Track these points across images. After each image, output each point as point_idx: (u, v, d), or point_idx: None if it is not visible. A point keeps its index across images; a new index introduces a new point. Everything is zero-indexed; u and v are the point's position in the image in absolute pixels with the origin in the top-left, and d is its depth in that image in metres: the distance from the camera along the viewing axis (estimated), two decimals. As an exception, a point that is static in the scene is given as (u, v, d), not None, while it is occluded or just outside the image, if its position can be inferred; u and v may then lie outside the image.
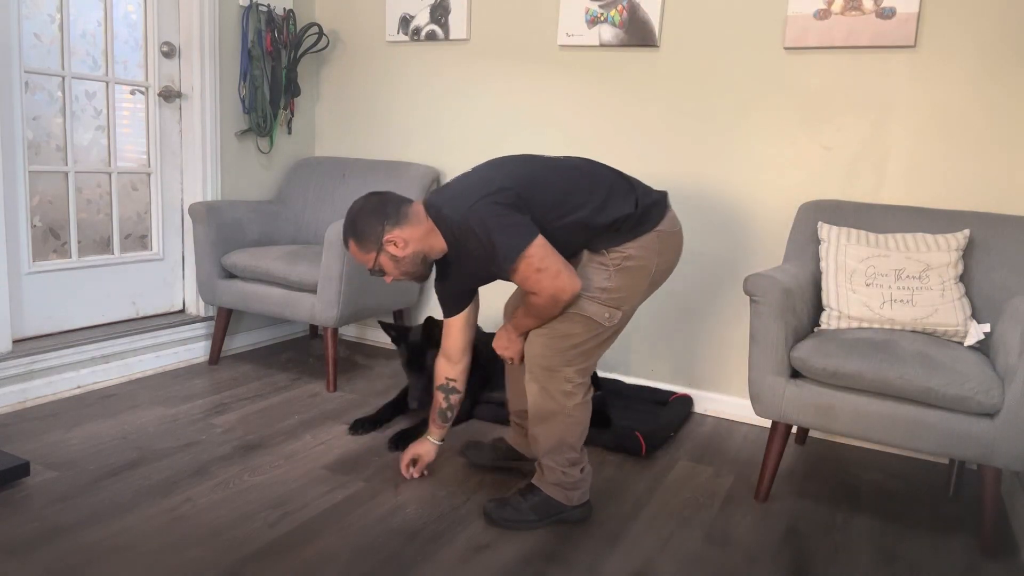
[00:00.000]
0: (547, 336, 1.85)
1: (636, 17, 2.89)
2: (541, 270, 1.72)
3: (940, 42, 2.48)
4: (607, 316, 1.84)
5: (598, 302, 1.83)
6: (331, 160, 3.55)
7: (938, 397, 1.90)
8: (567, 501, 1.96)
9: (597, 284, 1.83)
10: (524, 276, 1.74)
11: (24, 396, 2.62)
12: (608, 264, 1.84)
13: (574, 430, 1.91)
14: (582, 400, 1.90)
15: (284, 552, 1.78)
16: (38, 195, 2.75)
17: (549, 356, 1.86)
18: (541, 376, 1.88)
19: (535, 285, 1.74)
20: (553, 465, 1.93)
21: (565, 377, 1.86)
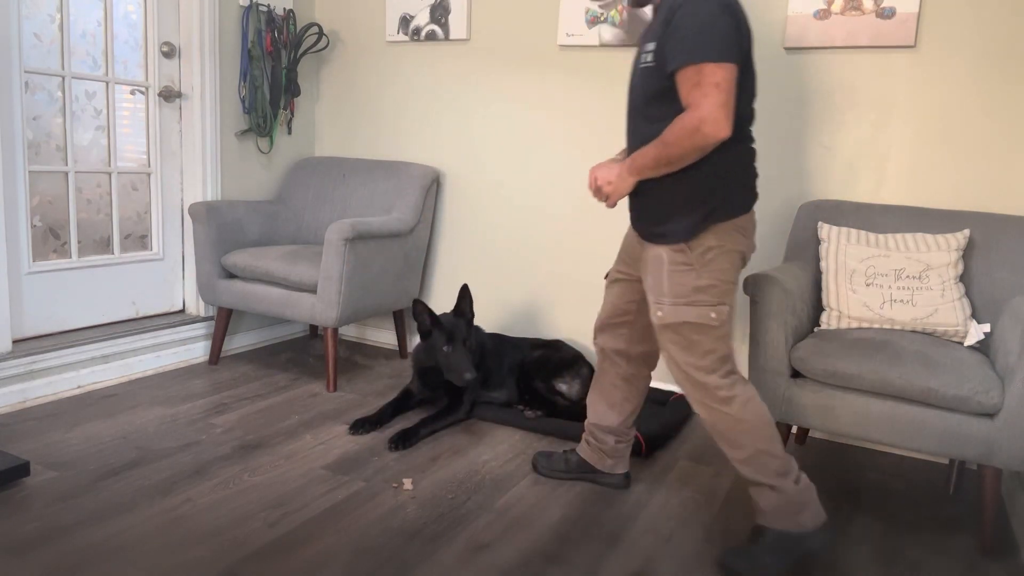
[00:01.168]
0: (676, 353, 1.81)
1: (636, 17, 2.89)
2: (718, 86, 1.58)
3: (940, 42, 2.48)
4: (714, 316, 1.76)
5: (699, 305, 1.76)
6: (331, 160, 3.55)
7: (938, 397, 1.90)
8: (799, 527, 1.77)
9: (691, 286, 1.76)
10: (693, 83, 1.60)
11: (24, 396, 2.62)
12: (692, 262, 1.76)
13: (757, 434, 1.78)
14: (743, 400, 1.78)
15: (284, 552, 1.78)
16: (38, 195, 2.75)
17: (689, 371, 1.80)
18: (695, 392, 1.82)
19: (696, 98, 1.60)
20: (761, 480, 1.79)
21: (715, 385, 1.78)
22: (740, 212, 1.79)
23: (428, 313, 2.62)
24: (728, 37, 1.63)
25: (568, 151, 3.12)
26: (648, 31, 1.80)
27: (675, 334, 1.80)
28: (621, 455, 2.21)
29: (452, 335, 2.58)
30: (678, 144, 1.66)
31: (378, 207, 3.29)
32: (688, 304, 1.76)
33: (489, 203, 3.32)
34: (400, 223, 3.09)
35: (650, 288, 1.84)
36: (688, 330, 1.78)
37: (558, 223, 3.17)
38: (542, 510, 2.06)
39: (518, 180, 3.24)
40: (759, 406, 1.81)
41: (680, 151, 1.67)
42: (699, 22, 1.62)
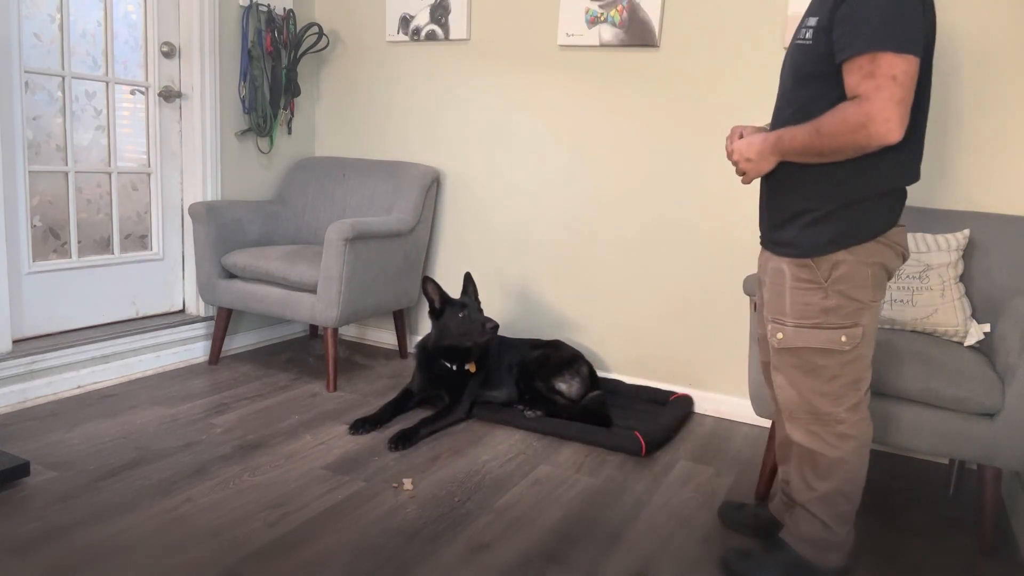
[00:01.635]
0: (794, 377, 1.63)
1: (636, 17, 2.89)
2: (895, 79, 1.34)
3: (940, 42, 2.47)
4: (844, 340, 1.55)
5: (826, 328, 1.56)
6: (331, 160, 3.55)
7: (938, 397, 1.90)
8: (821, 562, 1.68)
9: (817, 307, 1.56)
10: (866, 72, 1.37)
11: (24, 396, 2.62)
12: (820, 281, 1.55)
13: (853, 477, 1.64)
14: (860, 443, 1.62)
15: (284, 552, 1.78)
16: (38, 195, 2.75)
17: (810, 398, 1.61)
18: (809, 421, 1.64)
19: (868, 89, 1.36)
20: (817, 515, 1.67)
21: (836, 419, 1.61)
22: (883, 231, 1.55)
23: (439, 291, 2.69)
24: (914, 25, 1.38)
25: (568, 151, 3.12)
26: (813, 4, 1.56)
27: (796, 358, 1.62)
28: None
29: (466, 304, 2.69)
30: (835, 137, 1.42)
31: (378, 207, 3.29)
32: (813, 327, 1.57)
33: (489, 203, 3.32)
34: (400, 223, 3.09)
35: (768, 303, 1.67)
36: (812, 355, 1.59)
37: (558, 223, 3.17)
38: (542, 510, 2.06)
39: (518, 180, 3.24)
40: (867, 452, 1.66)
41: (836, 145, 1.43)
42: (881, 4, 1.38)
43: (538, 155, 3.20)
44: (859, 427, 1.63)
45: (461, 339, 2.66)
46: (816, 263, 1.55)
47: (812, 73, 1.52)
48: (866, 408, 1.65)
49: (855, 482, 1.66)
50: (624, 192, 3.02)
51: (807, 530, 1.70)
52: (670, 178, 2.93)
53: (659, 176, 2.95)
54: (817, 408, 1.62)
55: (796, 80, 1.57)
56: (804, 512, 1.71)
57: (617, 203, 3.05)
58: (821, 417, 1.62)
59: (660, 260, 2.99)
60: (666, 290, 2.98)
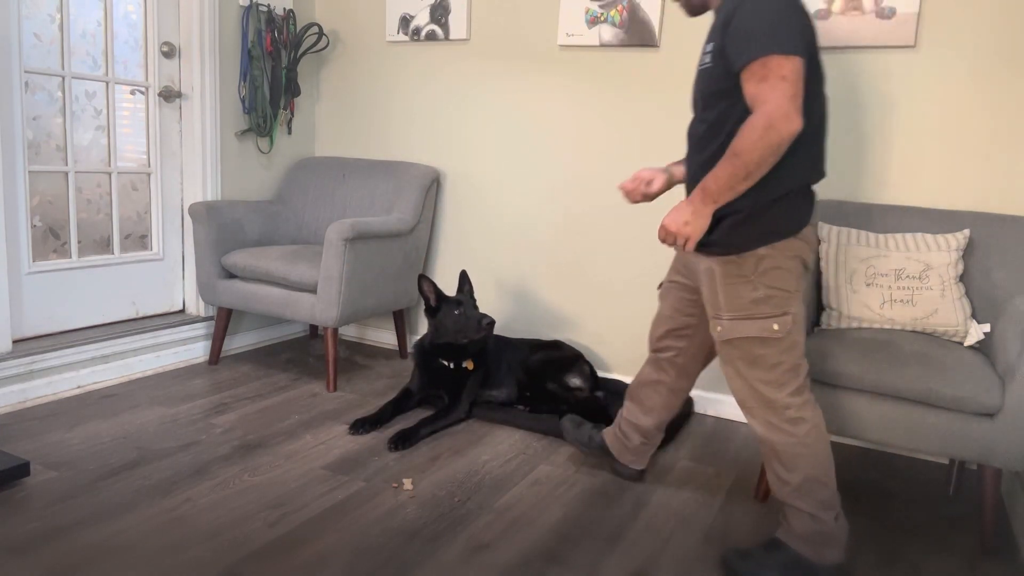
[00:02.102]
0: (737, 370, 1.75)
1: (636, 17, 2.89)
2: (784, 79, 1.50)
3: (940, 42, 2.48)
4: (776, 328, 1.68)
5: (758, 318, 1.68)
6: (331, 160, 3.55)
7: (938, 397, 1.90)
8: (818, 559, 1.73)
9: (748, 299, 1.69)
10: (760, 77, 1.52)
11: (24, 396, 2.62)
12: (747, 274, 1.68)
13: (818, 462, 1.73)
14: (812, 425, 1.72)
15: (284, 552, 1.78)
16: (38, 195, 2.75)
17: (756, 387, 1.73)
18: (760, 409, 1.75)
19: (765, 92, 1.51)
20: (803, 508, 1.73)
21: (783, 404, 1.71)
22: (800, 227, 1.70)
23: (434, 289, 2.69)
24: (794, 29, 1.54)
25: (568, 151, 3.12)
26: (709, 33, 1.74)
27: (737, 349, 1.74)
28: (643, 454, 2.23)
29: (461, 301, 2.69)
30: (751, 150, 1.53)
31: (378, 207, 3.29)
32: (747, 318, 1.69)
33: (489, 203, 3.32)
34: (400, 223, 3.09)
35: (707, 301, 1.79)
36: (750, 344, 1.71)
37: (558, 222, 3.17)
38: (542, 510, 2.06)
39: (518, 180, 3.24)
40: (824, 434, 1.75)
41: (756, 157, 1.53)
42: (763, 16, 1.55)
43: (538, 155, 3.20)
44: (806, 410, 1.73)
45: (457, 336, 2.66)
46: (742, 258, 1.68)
47: (717, 92, 1.67)
48: (809, 392, 1.76)
49: (822, 465, 1.73)
50: (624, 192, 3.02)
51: (798, 526, 1.75)
52: (670, 178, 2.93)
53: (659, 176, 2.95)
54: (764, 396, 1.73)
55: (705, 102, 1.73)
56: (791, 509, 1.77)
57: (617, 203, 3.04)
58: (771, 405, 1.73)
59: (660, 259, 2.98)
60: (666, 290, 2.97)
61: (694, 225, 1.65)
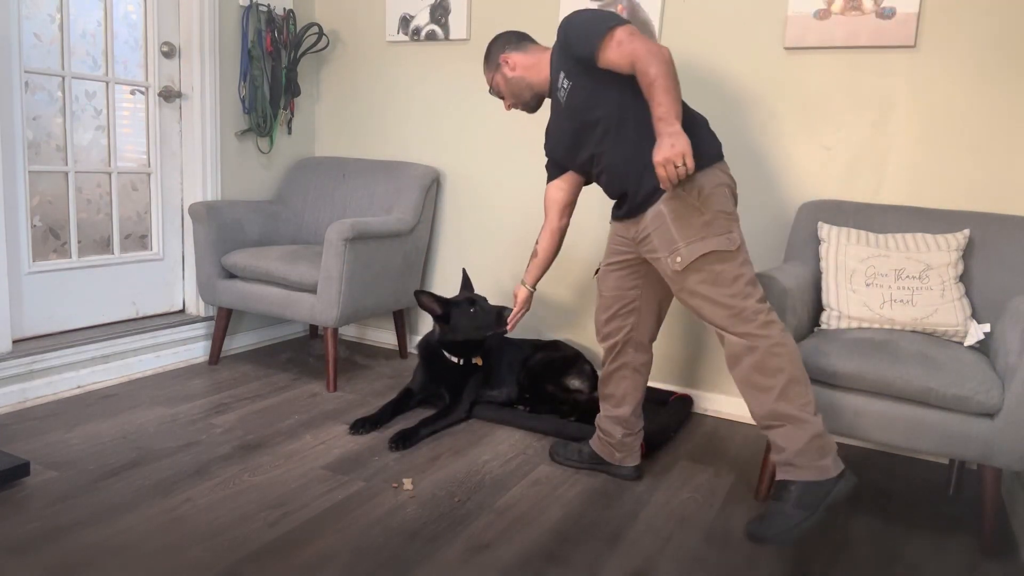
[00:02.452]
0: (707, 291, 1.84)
1: (636, 17, 2.89)
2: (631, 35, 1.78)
3: (940, 42, 2.48)
4: (727, 241, 1.84)
5: (711, 236, 1.83)
6: (331, 160, 3.55)
7: (938, 397, 1.90)
8: (824, 475, 1.75)
9: (699, 221, 1.83)
10: (615, 41, 1.78)
11: (24, 396, 2.62)
12: (693, 202, 1.83)
13: (794, 360, 1.80)
14: (781, 326, 1.83)
15: (284, 552, 1.78)
16: (38, 195, 2.75)
17: (726, 304, 1.83)
18: (734, 324, 1.83)
19: (628, 50, 1.77)
20: (791, 412, 1.78)
21: (752, 311, 1.82)
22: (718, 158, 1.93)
23: (435, 298, 2.68)
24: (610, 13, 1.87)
25: (568, 151, 3.12)
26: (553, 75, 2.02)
27: (698, 272, 1.84)
28: (630, 448, 2.26)
29: (474, 300, 2.69)
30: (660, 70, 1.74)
31: (378, 207, 3.29)
32: (701, 239, 1.82)
33: (489, 203, 3.32)
34: (400, 223, 3.09)
35: (661, 247, 1.89)
36: (711, 261, 1.82)
37: (558, 223, 3.17)
38: (542, 510, 2.07)
39: (518, 180, 3.24)
40: (792, 338, 1.84)
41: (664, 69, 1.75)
42: (587, 17, 1.88)
43: (538, 155, 3.19)
44: (773, 314, 1.84)
45: (476, 332, 2.67)
46: (685, 192, 1.83)
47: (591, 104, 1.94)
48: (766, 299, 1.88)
49: (799, 366, 1.81)
50: (624, 192, 3.02)
51: (791, 443, 1.78)
52: (670, 178, 2.93)
53: (659, 176, 2.95)
54: (737, 307, 1.83)
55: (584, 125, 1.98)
56: (774, 430, 1.82)
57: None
58: (743, 314, 1.82)
59: (660, 260, 2.98)
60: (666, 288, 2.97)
61: (680, 142, 1.71)
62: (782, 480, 1.80)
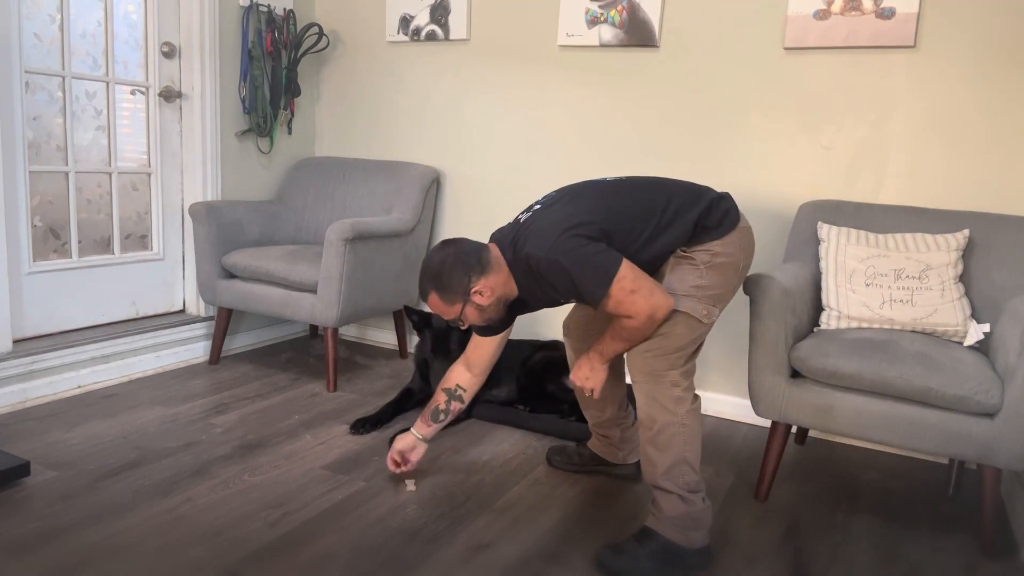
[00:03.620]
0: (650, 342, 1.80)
1: (636, 17, 2.89)
2: (635, 291, 1.70)
3: (940, 42, 2.48)
4: (705, 313, 1.80)
5: (695, 299, 1.80)
6: (331, 160, 3.55)
7: (938, 397, 1.90)
8: (688, 544, 1.78)
9: (692, 283, 1.80)
10: (618, 300, 1.71)
11: (24, 396, 2.62)
12: (698, 263, 1.81)
13: (691, 443, 1.80)
14: (691, 407, 1.82)
15: (284, 552, 1.78)
16: (38, 195, 2.75)
17: (652, 360, 1.80)
18: (647, 383, 1.81)
19: (630, 307, 1.71)
20: (672, 489, 1.79)
21: (671, 381, 1.80)
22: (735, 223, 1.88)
23: (420, 317, 2.69)
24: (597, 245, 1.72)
25: (568, 151, 3.12)
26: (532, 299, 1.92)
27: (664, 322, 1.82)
28: (629, 442, 2.25)
29: (436, 347, 2.63)
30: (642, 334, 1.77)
31: (378, 207, 3.29)
32: (685, 295, 1.79)
33: (489, 203, 3.32)
34: (400, 223, 3.10)
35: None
36: (678, 321, 1.79)
37: (558, 223, 3.17)
38: (542, 510, 2.07)
39: (518, 180, 3.24)
40: (699, 421, 1.83)
41: (645, 335, 1.78)
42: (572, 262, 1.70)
43: (538, 155, 3.20)
44: (689, 392, 1.83)
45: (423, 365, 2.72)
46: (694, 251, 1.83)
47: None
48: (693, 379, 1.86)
49: (694, 450, 1.81)
50: (624, 192, 3.02)
51: (667, 508, 1.79)
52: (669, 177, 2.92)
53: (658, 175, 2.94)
54: (658, 370, 1.80)
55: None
56: (660, 492, 1.81)
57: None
58: (660, 379, 1.80)
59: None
60: (666, 290, 2.97)
61: (594, 377, 1.88)
62: (649, 528, 1.81)
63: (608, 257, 1.71)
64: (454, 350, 2.61)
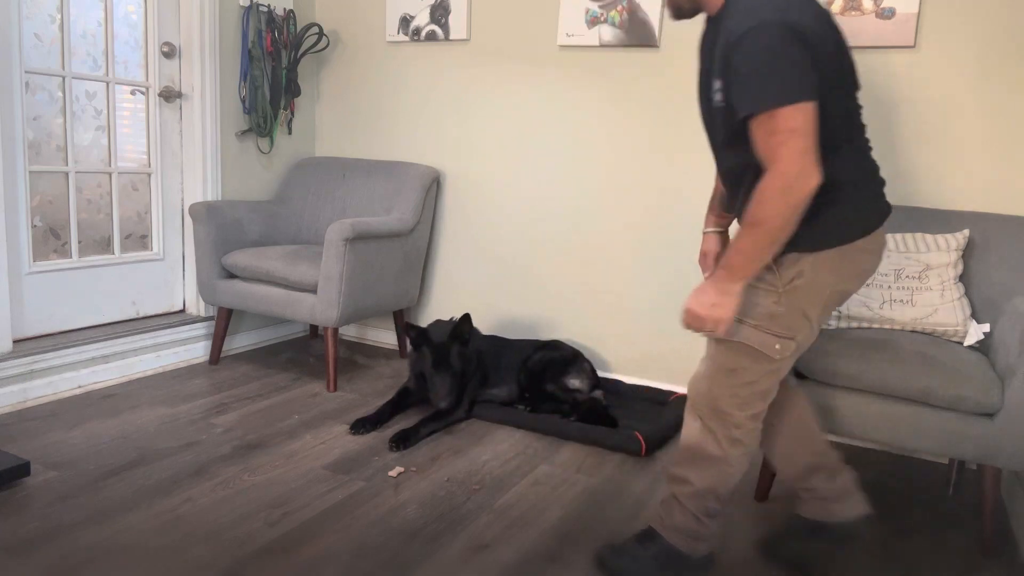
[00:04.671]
0: (713, 371, 1.63)
1: (636, 17, 2.89)
2: (795, 131, 1.37)
3: (940, 42, 2.48)
4: (778, 348, 1.56)
5: (765, 331, 1.55)
6: (331, 160, 3.55)
7: (938, 397, 1.90)
8: (691, 552, 1.70)
9: (765, 310, 1.55)
10: (770, 131, 1.39)
11: (24, 396, 2.62)
12: (777, 285, 1.54)
13: (729, 481, 1.67)
14: (745, 451, 1.65)
15: (284, 552, 1.78)
16: (38, 195, 2.75)
17: (719, 396, 1.62)
18: (708, 416, 1.65)
19: (775, 149, 1.39)
20: (690, 509, 1.69)
21: (735, 423, 1.62)
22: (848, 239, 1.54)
23: (417, 333, 2.64)
24: (798, 69, 1.39)
25: (568, 151, 3.12)
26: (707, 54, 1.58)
27: (729, 351, 1.60)
28: (845, 489, 1.83)
29: (438, 361, 2.57)
30: (772, 217, 1.42)
31: (378, 207, 3.29)
32: (754, 327, 1.56)
33: (489, 203, 3.33)
34: (400, 223, 3.10)
35: None
36: (743, 353, 1.58)
37: (558, 223, 3.17)
38: (542, 510, 2.07)
39: (518, 180, 3.24)
40: (747, 459, 1.69)
41: (778, 223, 1.42)
42: (762, 61, 1.39)
43: (538, 155, 3.20)
44: (751, 436, 1.66)
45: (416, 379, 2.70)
46: (779, 265, 1.54)
47: (734, 133, 1.51)
48: (762, 419, 1.67)
49: (729, 485, 1.68)
50: (624, 191, 3.02)
51: (680, 520, 1.71)
52: (669, 178, 2.93)
53: (659, 176, 2.95)
54: (720, 408, 1.63)
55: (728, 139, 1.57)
56: (676, 503, 1.71)
57: (617, 202, 3.05)
58: (721, 418, 1.63)
59: (660, 259, 2.99)
60: (666, 289, 2.97)
61: (724, 307, 1.49)
62: (654, 530, 1.74)
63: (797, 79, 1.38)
64: (455, 364, 2.59)
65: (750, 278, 1.50)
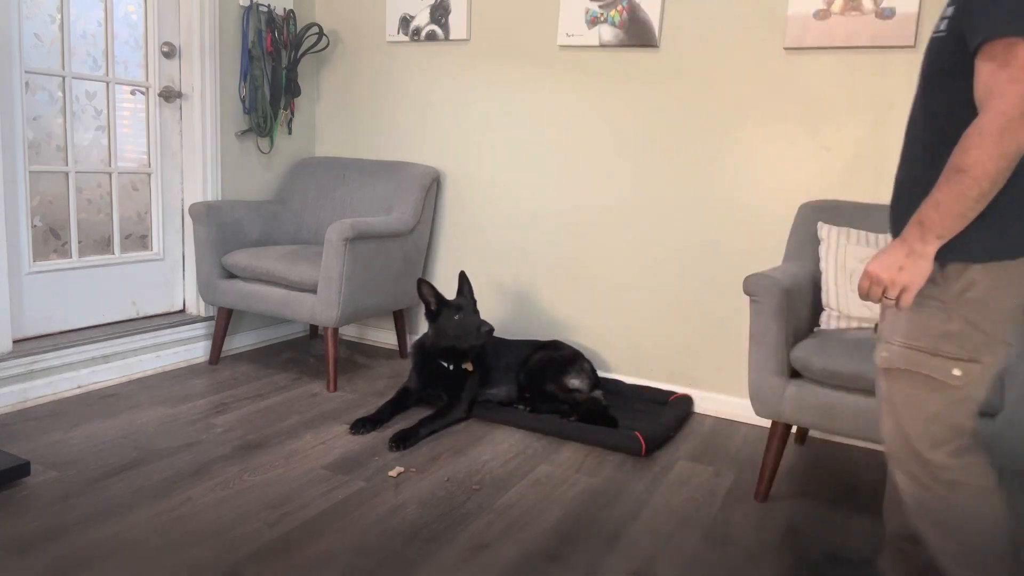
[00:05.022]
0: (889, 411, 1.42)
1: (636, 17, 2.89)
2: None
3: (940, 42, 2.47)
4: (956, 373, 1.33)
5: (940, 356, 1.33)
6: (331, 160, 3.56)
7: (938, 397, 1.89)
8: None
9: (935, 330, 1.33)
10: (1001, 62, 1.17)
11: (24, 396, 2.62)
12: (945, 300, 1.31)
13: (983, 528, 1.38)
14: (976, 488, 1.38)
15: (284, 552, 1.78)
16: (38, 195, 2.75)
17: (908, 436, 1.39)
18: (906, 461, 1.42)
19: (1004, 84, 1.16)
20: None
21: (939, 465, 1.37)
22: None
23: (434, 293, 2.70)
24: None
25: (568, 151, 3.12)
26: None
27: (897, 383, 1.40)
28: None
29: (461, 306, 2.69)
30: (982, 162, 1.18)
31: (378, 207, 3.29)
32: (924, 351, 1.35)
33: (489, 203, 3.33)
34: (400, 223, 3.10)
35: (882, 324, 1.45)
36: (914, 384, 1.37)
37: (558, 223, 3.17)
38: (542, 510, 2.07)
39: (518, 180, 3.24)
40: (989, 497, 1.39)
41: (990, 170, 1.18)
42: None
43: (538, 155, 3.20)
44: (969, 472, 1.39)
45: (457, 341, 2.67)
46: (946, 274, 1.30)
47: (945, 70, 1.30)
48: (977, 449, 1.40)
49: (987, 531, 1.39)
50: (624, 191, 3.02)
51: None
52: (669, 178, 2.93)
53: (658, 176, 2.95)
54: (916, 450, 1.39)
55: (927, 81, 1.35)
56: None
57: (617, 202, 3.05)
58: (922, 464, 1.39)
59: (660, 260, 2.99)
60: (666, 290, 2.98)
61: (911, 271, 1.27)
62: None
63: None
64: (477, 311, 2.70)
65: (946, 238, 1.25)
